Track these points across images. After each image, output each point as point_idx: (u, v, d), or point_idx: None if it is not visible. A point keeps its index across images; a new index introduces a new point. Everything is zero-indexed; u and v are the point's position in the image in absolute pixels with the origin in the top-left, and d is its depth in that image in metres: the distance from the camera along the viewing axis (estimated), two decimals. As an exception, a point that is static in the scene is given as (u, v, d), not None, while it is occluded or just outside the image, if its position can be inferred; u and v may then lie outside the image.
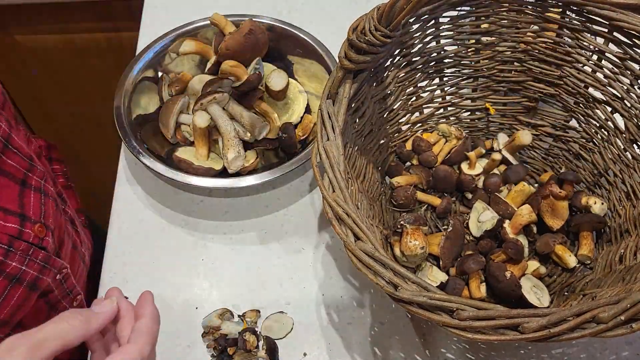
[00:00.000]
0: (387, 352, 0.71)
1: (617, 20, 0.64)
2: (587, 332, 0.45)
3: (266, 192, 0.85)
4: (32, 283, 0.59)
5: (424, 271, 0.71)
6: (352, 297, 0.75)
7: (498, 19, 0.74)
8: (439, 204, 0.79)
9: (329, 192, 0.55)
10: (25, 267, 0.58)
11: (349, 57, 0.61)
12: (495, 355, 0.70)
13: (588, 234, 0.74)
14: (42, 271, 0.61)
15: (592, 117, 0.76)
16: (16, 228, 0.58)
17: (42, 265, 0.61)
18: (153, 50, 0.90)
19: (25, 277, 0.58)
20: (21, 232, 0.59)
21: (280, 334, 0.72)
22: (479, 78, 0.81)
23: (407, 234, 0.67)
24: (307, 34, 0.92)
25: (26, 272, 0.58)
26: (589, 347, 0.70)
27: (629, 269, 0.65)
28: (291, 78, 0.91)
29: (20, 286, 0.58)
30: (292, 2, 1.10)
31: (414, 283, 0.49)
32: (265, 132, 0.85)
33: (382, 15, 0.59)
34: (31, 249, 0.59)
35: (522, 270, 0.72)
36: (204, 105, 0.81)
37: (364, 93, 0.69)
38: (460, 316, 0.46)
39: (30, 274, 0.59)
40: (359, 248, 0.51)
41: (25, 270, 0.58)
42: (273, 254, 0.79)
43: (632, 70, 0.68)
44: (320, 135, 0.59)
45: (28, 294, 0.59)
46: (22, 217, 0.59)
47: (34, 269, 0.60)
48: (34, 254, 0.60)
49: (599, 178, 0.77)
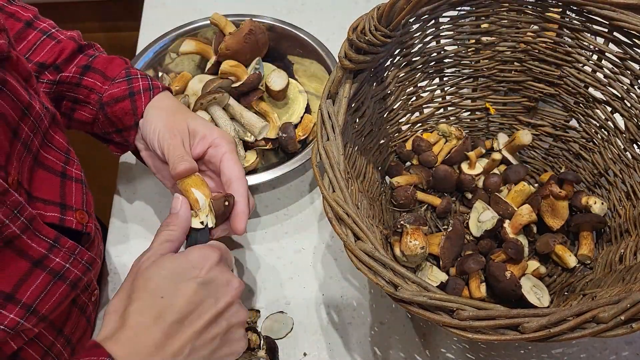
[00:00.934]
0: (387, 352, 0.71)
1: (617, 20, 0.64)
2: (587, 332, 0.45)
3: (266, 192, 0.85)
4: (74, 282, 0.60)
5: (424, 271, 0.71)
6: (352, 297, 0.75)
7: (498, 19, 0.74)
8: (439, 204, 0.79)
9: (329, 192, 0.55)
10: (70, 266, 0.58)
11: (349, 57, 0.61)
12: (495, 355, 0.70)
13: (588, 233, 0.74)
14: (86, 273, 0.61)
15: (592, 117, 0.76)
16: (57, 216, 0.59)
17: (87, 267, 0.61)
18: (153, 50, 0.90)
19: (69, 276, 0.58)
20: (62, 220, 0.60)
21: (280, 334, 0.72)
22: (479, 78, 0.81)
23: (407, 234, 0.67)
24: (307, 34, 0.92)
25: (70, 270, 0.58)
26: (589, 347, 0.70)
27: (629, 268, 0.65)
28: (291, 78, 0.91)
29: (64, 284, 0.58)
30: (292, 2, 1.10)
31: (414, 283, 0.49)
32: (265, 132, 0.85)
33: (382, 15, 0.59)
34: (77, 248, 0.60)
35: (522, 270, 0.72)
36: (204, 105, 0.81)
37: (364, 93, 0.69)
38: (460, 316, 0.46)
39: (74, 274, 0.59)
40: (359, 248, 0.51)
41: (69, 269, 0.58)
42: (273, 254, 0.79)
43: (632, 70, 0.68)
44: (320, 135, 0.59)
45: (69, 293, 0.59)
46: (62, 206, 0.60)
47: (78, 269, 0.60)
48: (80, 254, 0.60)
49: (599, 178, 0.77)
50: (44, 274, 0.55)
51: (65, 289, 0.58)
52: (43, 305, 0.56)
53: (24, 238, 0.53)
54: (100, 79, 0.72)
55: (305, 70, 0.93)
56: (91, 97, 0.71)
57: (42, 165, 0.61)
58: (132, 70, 0.73)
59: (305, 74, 0.93)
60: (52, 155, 0.63)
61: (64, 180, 0.63)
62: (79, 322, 0.67)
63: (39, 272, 0.55)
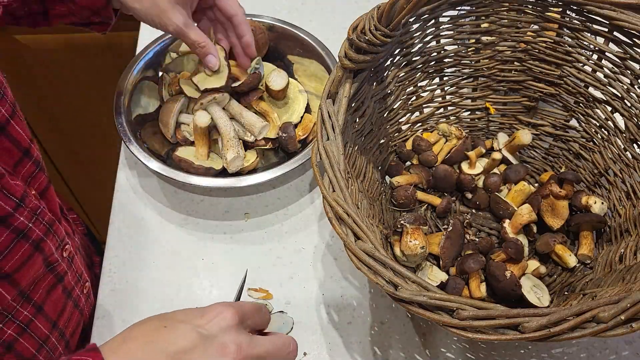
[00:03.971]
0: (387, 352, 0.71)
1: (617, 20, 0.64)
2: (587, 332, 0.44)
3: (266, 192, 0.85)
4: (36, 243, 0.60)
5: (424, 271, 0.71)
6: (352, 297, 0.75)
7: (498, 19, 0.74)
8: (439, 203, 0.79)
9: (329, 192, 0.55)
10: (32, 225, 0.59)
11: (349, 56, 0.61)
12: (495, 355, 0.70)
13: (588, 233, 0.74)
14: (47, 234, 0.62)
15: (592, 116, 0.76)
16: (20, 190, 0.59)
17: (47, 227, 0.62)
18: (153, 50, 0.90)
19: (31, 235, 0.59)
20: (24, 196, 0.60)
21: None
22: (479, 78, 0.81)
23: (407, 234, 0.67)
24: (307, 34, 0.92)
25: (32, 229, 0.59)
26: (589, 346, 0.70)
27: (629, 268, 0.65)
28: (291, 78, 0.91)
29: (26, 242, 0.58)
30: (292, 2, 1.10)
31: (414, 283, 0.49)
32: (265, 132, 0.85)
33: (382, 14, 0.59)
34: (39, 208, 0.60)
35: (522, 269, 0.72)
36: (204, 105, 0.81)
37: (364, 92, 0.69)
38: (460, 316, 0.46)
39: (35, 233, 0.60)
40: (359, 248, 0.51)
41: (31, 228, 0.59)
42: (273, 254, 0.79)
43: (632, 69, 0.68)
44: (320, 135, 0.59)
45: (32, 253, 0.60)
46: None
47: (39, 229, 0.60)
48: (41, 214, 0.61)
49: (599, 178, 0.77)
50: (7, 232, 0.56)
51: (28, 248, 0.59)
52: (5, 263, 0.56)
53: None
54: None
55: (305, 70, 0.93)
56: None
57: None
58: None
59: (305, 74, 0.93)
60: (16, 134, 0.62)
61: (24, 157, 0.62)
62: (73, 315, 0.68)
63: (3, 230, 0.55)
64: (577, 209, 0.76)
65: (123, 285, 0.76)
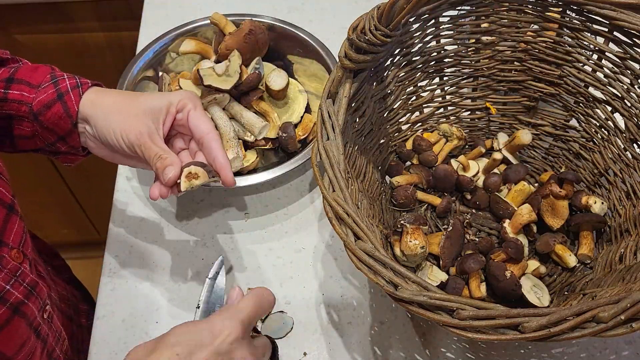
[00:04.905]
0: (387, 352, 0.71)
1: (617, 20, 0.64)
2: (587, 332, 0.44)
3: (266, 192, 0.85)
4: (15, 306, 0.58)
5: (424, 271, 0.71)
6: (352, 297, 0.75)
7: (498, 19, 0.74)
8: (439, 203, 0.79)
9: (329, 192, 0.55)
10: (10, 287, 0.57)
11: (349, 56, 0.61)
12: (495, 354, 0.70)
13: (588, 233, 0.74)
14: (28, 297, 0.60)
15: (592, 116, 0.76)
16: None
17: (29, 290, 0.60)
18: (153, 50, 0.90)
19: (9, 298, 0.57)
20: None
21: (280, 333, 0.72)
22: (479, 77, 0.81)
23: (407, 234, 0.67)
24: (307, 34, 0.92)
25: (10, 292, 0.57)
26: (589, 346, 0.70)
27: (629, 268, 0.65)
28: (291, 78, 0.91)
29: (3, 306, 0.56)
30: (292, 2, 1.10)
31: (414, 282, 0.49)
32: (265, 132, 0.85)
33: (382, 14, 0.59)
34: (19, 269, 0.58)
35: (522, 269, 0.72)
36: (204, 105, 0.81)
37: (364, 92, 0.69)
38: (460, 316, 0.46)
39: (14, 296, 0.57)
40: (359, 248, 0.51)
41: (9, 290, 0.57)
42: (273, 254, 0.79)
43: (632, 69, 0.68)
44: (320, 135, 0.59)
45: (11, 317, 0.57)
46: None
47: (19, 292, 0.58)
48: (22, 275, 0.58)
49: (599, 177, 0.77)
50: None
51: (6, 312, 0.56)
52: None
53: None
54: (27, 88, 0.66)
55: (305, 70, 0.93)
56: (22, 109, 0.65)
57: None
58: (57, 72, 0.68)
59: (305, 74, 0.93)
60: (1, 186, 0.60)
61: (10, 213, 0.60)
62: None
63: None
64: (577, 208, 0.76)
65: (123, 285, 0.76)
